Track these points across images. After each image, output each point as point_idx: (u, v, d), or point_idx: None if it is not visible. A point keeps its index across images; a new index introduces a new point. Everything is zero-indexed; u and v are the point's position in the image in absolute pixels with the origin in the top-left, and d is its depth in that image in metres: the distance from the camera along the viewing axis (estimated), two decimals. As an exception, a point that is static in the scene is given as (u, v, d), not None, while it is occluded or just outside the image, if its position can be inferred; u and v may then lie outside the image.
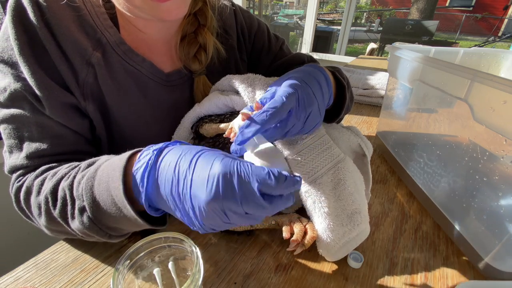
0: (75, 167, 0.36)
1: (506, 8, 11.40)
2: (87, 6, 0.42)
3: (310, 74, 0.39)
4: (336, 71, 0.51)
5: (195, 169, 0.26)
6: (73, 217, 0.34)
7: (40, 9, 0.37)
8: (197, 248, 0.31)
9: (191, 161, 0.27)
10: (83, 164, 0.36)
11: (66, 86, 0.40)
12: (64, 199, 0.34)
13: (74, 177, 0.34)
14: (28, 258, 0.40)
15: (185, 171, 0.26)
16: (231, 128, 0.35)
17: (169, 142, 0.31)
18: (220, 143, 0.43)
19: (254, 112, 0.34)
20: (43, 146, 0.39)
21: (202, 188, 0.25)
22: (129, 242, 0.43)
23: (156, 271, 0.33)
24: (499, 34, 10.43)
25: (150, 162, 0.28)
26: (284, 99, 0.33)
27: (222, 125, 0.42)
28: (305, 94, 0.36)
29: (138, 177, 0.29)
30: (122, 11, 0.42)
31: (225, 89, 0.49)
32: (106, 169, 0.32)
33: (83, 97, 0.42)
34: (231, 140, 0.35)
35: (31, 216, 0.38)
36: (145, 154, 0.30)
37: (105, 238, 0.35)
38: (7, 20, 0.37)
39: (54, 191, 0.35)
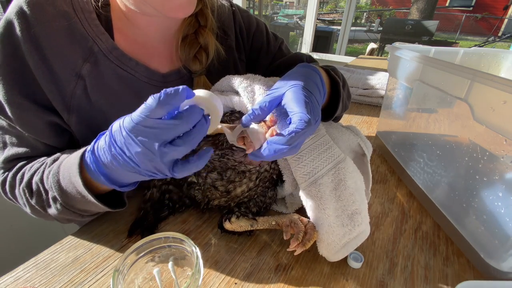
0: (44, 162, 0.42)
1: (506, 8, 11.41)
2: (77, 14, 0.41)
3: (307, 77, 0.39)
4: (330, 70, 0.51)
5: (115, 137, 0.31)
6: (49, 205, 0.40)
7: (27, 22, 0.37)
8: (197, 248, 0.31)
9: (110, 135, 0.31)
10: (49, 160, 0.41)
11: (46, 102, 0.41)
12: (38, 191, 0.40)
13: (43, 172, 0.40)
14: (28, 258, 0.40)
15: (114, 143, 0.31)
16: (245, 136, 0.35)
17: (98, 137, 0.35)
18: (220, 141, 0.43)
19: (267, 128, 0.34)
20: (20, 151, 0.43)
21: (131, 145, 0.30)
22: (129, 242, 0.43)
23: (156, 271, 0.33)
24: (499, 34, 10.43)
25: (90, 152, 0.34)
26: (309, 116, 0.33)
27: (225, 125, 0.42)
28: (314, 105, 0.35)
29: (87, 165, 0.34)
30: (127, 6, 0.42)
31: (225, 90, 0.49)
32: (67, 165, 0.37)
33: (67, 110, 0.42)
34: (247, 152, 0.35)
35: (19, 204, 0.44)
36: (88, 149, 0.35)
37: (79, 218, 0.42)
38: None
39: (29, 184, 0.41)
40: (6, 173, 0.44)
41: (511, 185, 0.36)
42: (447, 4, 13.28)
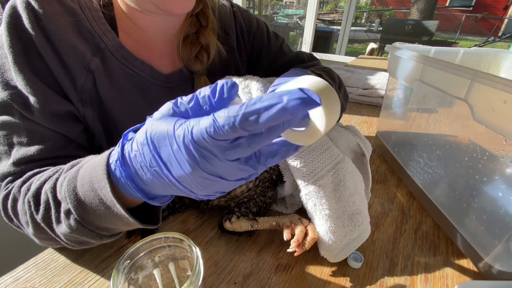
0: (60, 169, 0.34)
1: (506, 8, 11.40)
2: (84, 11, 0.41)
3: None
4: (323, 72, 0.51)
5: (160, 153, 0.23)
6: (58, 221, 0.32)
7: (36, 16, 0.37)
8: (197, 248, 0.31)
9: (150, 149, 0.23)
10: (67, 165, 0.34)
11: (63, 93, 0.40)
12: (47, 203, 0.32)
13: (57, 179, 0.32)
14: (28, 258, 0.40)
15: (154, 162, 0.23)
16: None
17: (123, 139, 0.28)
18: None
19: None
20: (32, 151, 0.37)
21: (178, 169, 0.22)
22: (129, 242, 0.43)
23: (156, 271, 0.33)
24: (499, 34, 10.43)
25: (118, 162, 0.26)
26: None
27: None
28: None
29: (123, 182, 0.27)
30: (127, 4, 0.42)
31: (225, 90, 0.49)
32: (88, 169, 0.29)
33: (81, 103, 0.42)
34: None
35: (20, 225, 0.36)
36: (114, 157, 0.28)
37: (96, 240, 0.33)
38: (2, 27, 0.37)
39: (37, 194, 0.33)
40: (14, 183, 0.37)
41: (511, 185, 0.36)
42: (447, 4, 13.28)
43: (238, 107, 0.19)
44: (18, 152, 0.38)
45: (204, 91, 0.23)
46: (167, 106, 0.24)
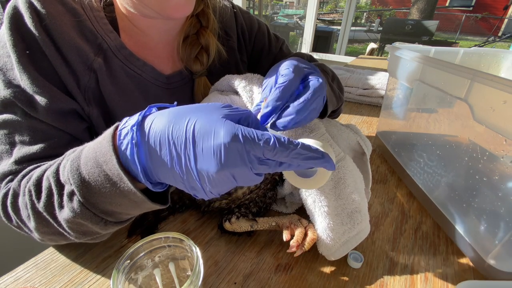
0: (63, 156, 0.34)
1: (506, 8, 11.40)
2: (86, 11, 0.41)
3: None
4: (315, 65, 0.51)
5: (196, 141, 0.24)
6: (61, 206, 0.31)
7: (39, 16, 0.37)
8: (197, 248, 0.31)
9: (186, 131, 0.25)
10: (70, 150, 0.33)
11: (67, 92, 0.40)
12: (49, 189, 0.31)
13: (59, 164, 0.31)
14: (28, 258, 0.40)
15: (183, 144, 0.25)
16: None
17: (146, 110, 0.28)
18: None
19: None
20: (34, 149, 0.37)
21: (210, 161, 0.24)
22: (129, 242, 0.43)
23: (156, 271, 0.33)
24: (499, 34, 10.43)
25: (134, 134, 0.26)
26: (291, 69, 0.35)
27: None
28: (301, 66, 0.38)
29: (127, 152, 0.27)
30: (127, 8, 0.42)
31: (224, 89, 0.49)
32: (93, 145, 0.29)
33: (86, 102, 0.42)
34: None
35: (20, 223, 0.35)
36: (129, 123, 0.28)
37: (100, 226, 0.32)
38: (4, 27, 0.37)
39: (38, 182, 0.32)
40: (11, 183, 0.36)
41: (511, 185, 0.36)
42: (447, 4, 13.28)
43: (294, 142, 0.26)
44: (20, 150, 0.37)
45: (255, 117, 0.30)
46: (218, 103, 0.28)
